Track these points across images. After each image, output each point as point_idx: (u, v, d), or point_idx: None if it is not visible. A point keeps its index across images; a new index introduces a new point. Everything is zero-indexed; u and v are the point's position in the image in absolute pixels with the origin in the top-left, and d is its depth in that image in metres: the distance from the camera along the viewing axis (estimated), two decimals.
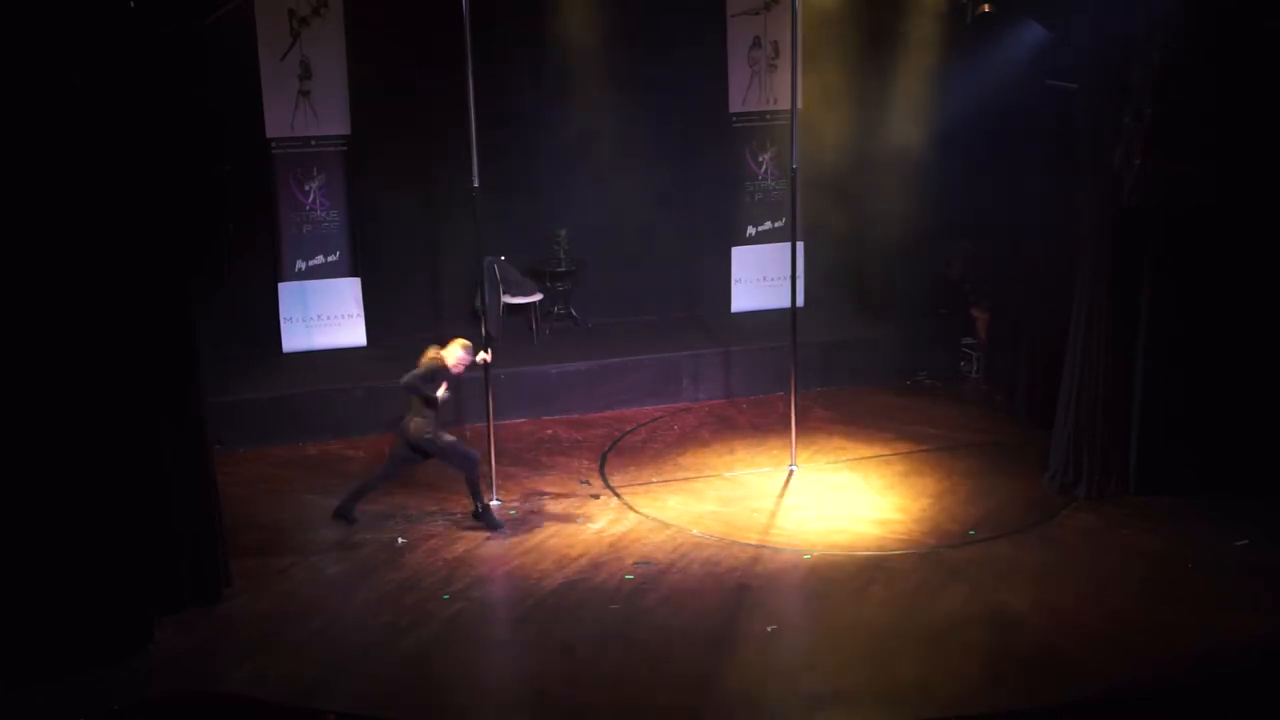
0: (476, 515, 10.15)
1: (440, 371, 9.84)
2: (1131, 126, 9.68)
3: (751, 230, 14.40)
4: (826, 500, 10.67)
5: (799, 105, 11.01)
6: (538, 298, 13.49)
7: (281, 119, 12.67)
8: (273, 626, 8.73)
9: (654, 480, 11.15)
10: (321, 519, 10.34)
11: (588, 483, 11.09)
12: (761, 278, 14.40)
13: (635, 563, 9.56)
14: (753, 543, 9.90)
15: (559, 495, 10.79)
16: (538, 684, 8.10)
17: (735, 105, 13.97)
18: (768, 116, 14.07)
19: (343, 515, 10.17)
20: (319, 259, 13.13)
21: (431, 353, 9.90)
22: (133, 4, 8.11)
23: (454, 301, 13.40)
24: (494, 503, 10.49)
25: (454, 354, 9.92)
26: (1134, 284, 10.21)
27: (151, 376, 8.52)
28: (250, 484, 10.99)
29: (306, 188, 12.97)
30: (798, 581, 9.35)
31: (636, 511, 10.48)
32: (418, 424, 9.81)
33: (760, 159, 14.24)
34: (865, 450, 11.68)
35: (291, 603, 9.06)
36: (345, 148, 12.96)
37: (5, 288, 7.77)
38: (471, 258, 11.14)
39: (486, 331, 10.64)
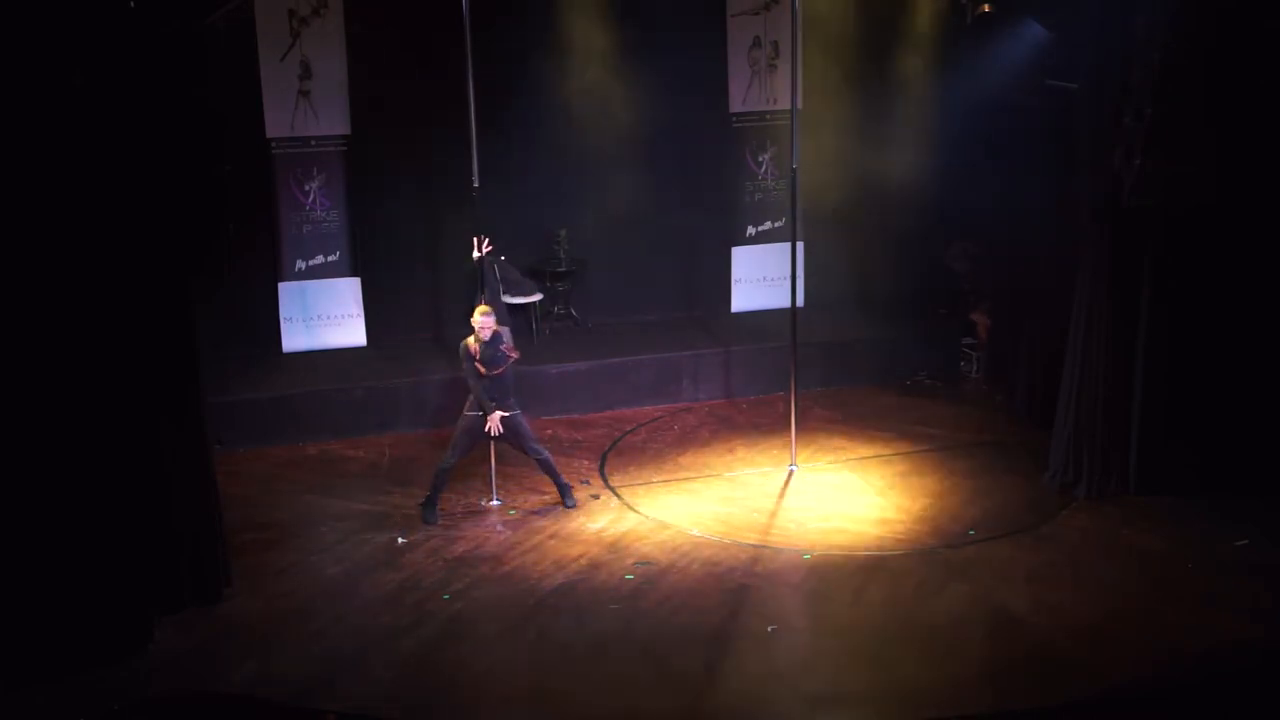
0: (422, 504, 10.32)
1: (467, 349, 10.03)
2: (1131, 126, 9.68)
3: (751, 230, 14.39)
4: (826, 500, 10.66)
5: (799, 105, 11.01)
6: (538, 298, 13.48)
7: (281, 119, 12.67)
8: (273, 626, 8.73)
9: (654, 480, 11.15)
10: (321, 519, 10.35)
11: (588, 482, 11.09)
12: (761, 278, 14.40)
13: (635, 563, 9.55)
14: (753, 543, 9.90)
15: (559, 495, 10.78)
16: (538, 684, 8.09)
17: (735, 105, 13.95)
18: (768, 116, 14.06)
19: (566, 496, 10.55)
20: (319, 259, 13.13)
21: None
22: (133, 4, 8.11)
23: (454, 301, 13.38)
24: (494, 503, 10.53)
25: (476, 322, 10.06)
26: (1134, 284, 10.21)
27: (151, 376, 8.52)
28: (250, 484, 10.99)
29: (306, 188, 12.96)
30: (798, 581, 9.34)
31: (636, 511, 10.48)
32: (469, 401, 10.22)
33: (760, 159, 14.24)
34: (865, 450, 11.67)
35: (291, 603, 9.06)
36: (345, 148, 12.94)
37: (5, 288, 7.76)
38: (471, 258, 11.09)
39: None
